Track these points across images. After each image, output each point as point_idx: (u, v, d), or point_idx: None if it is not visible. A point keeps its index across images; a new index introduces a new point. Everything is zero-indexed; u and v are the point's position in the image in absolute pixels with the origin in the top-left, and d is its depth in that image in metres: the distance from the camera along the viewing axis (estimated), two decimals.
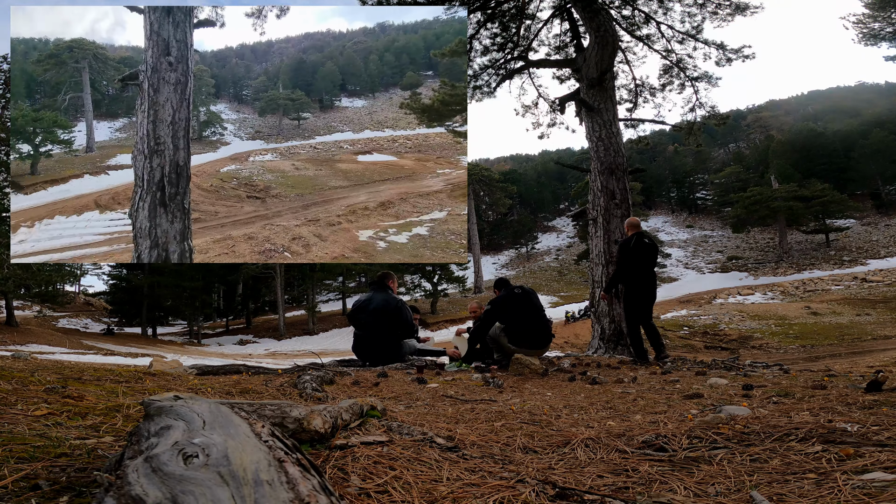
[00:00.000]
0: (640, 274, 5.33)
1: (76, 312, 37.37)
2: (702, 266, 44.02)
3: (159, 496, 0.64)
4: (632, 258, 5.31)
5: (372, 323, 5.23)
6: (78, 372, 2.46)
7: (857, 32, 18.11)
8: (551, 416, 2.07)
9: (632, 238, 5.41)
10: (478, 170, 46.54)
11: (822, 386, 2.75)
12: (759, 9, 9.56)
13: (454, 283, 33.75)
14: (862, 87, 74.67)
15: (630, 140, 11.51)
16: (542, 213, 62.92)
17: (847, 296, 25.31)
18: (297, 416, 1.24)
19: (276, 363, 8.02)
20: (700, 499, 1.06)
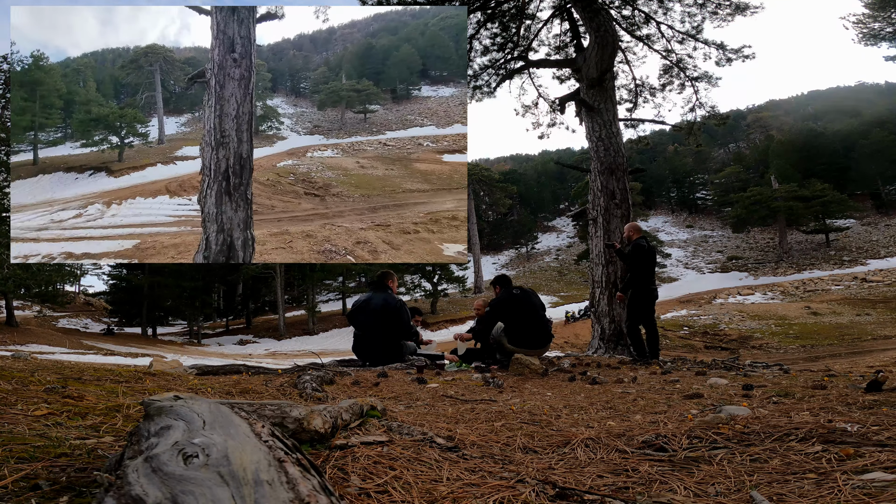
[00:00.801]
0: (649, 276, 5.50)
1: (76, 312, 37.37)
2: (702, 266, 44.01)
3: (159, 496, 0.64)
4: (647, 260, 5.48)
5: (371, 323, 5.22)
6: (78, 372, 2.46)
7: (857, 32, 18.12)
8: (551, 416, 2.07)
9: (641, 240, 5.57)
10: (478, 170, 46.54)
11: (822, 386, 2.75)
12: (759, 9, 9.56)
13: (454, 283, 33.73)
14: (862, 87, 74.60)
15: (630, 140, 11.50)
16: (542, 213, 62.90)
17: (847, 296, 25.31)
18: (297, 416, 1.24)
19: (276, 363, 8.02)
20: (700, 499, 1.06)
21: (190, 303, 31.84)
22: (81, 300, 42.92)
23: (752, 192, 41.08)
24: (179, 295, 31.21)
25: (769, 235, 45.82)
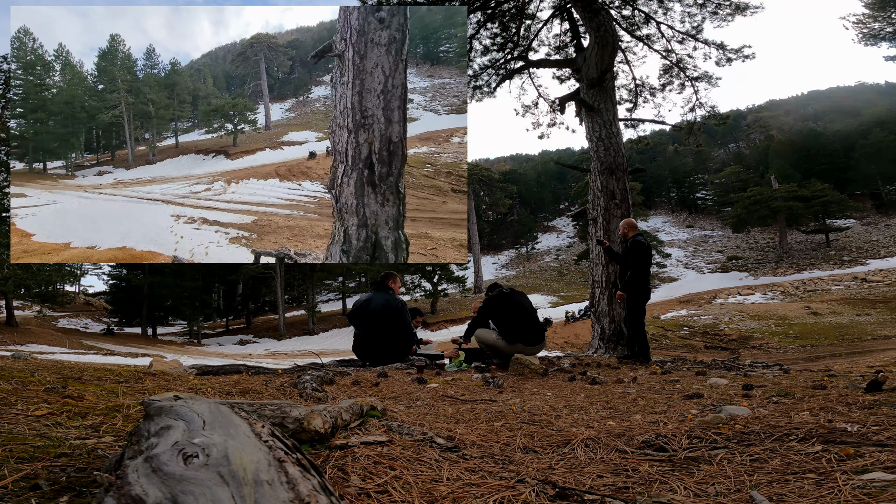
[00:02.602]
0: (649, 274, 5.52)
1: (76, 312, 37.35)
2: (702, 266, 44.00)
3: (159, 496, 0.64)
4: (648, 257, 5.47)
5: (371, 324, 5.22)
6: (78, 372, 2.46)
7: (857, 32, 18.10)
8: (551, 416, 2.07)
9: (639, 237, 5.54)
10: (478, 170, 46.51)
11: (822, 386, 2.75)
12: (759, 9, 9.55)
13: (454, 283, 33.72)
14: (862, 87, 74.59)
15: (630, 140, 11.49)
16: (542, 213, 62.89)
17: (847, 296, 25.29)
18: (297, 416, 1.24)
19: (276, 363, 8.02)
20: (700, 499, 1.06)
21: (190, 303, 31.83)
22: (81, 300, 42.91)
23: (752, 192, 41.07)
24: (179, 295, 31.19)
25: (769, 235, 45.81)
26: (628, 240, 5.64)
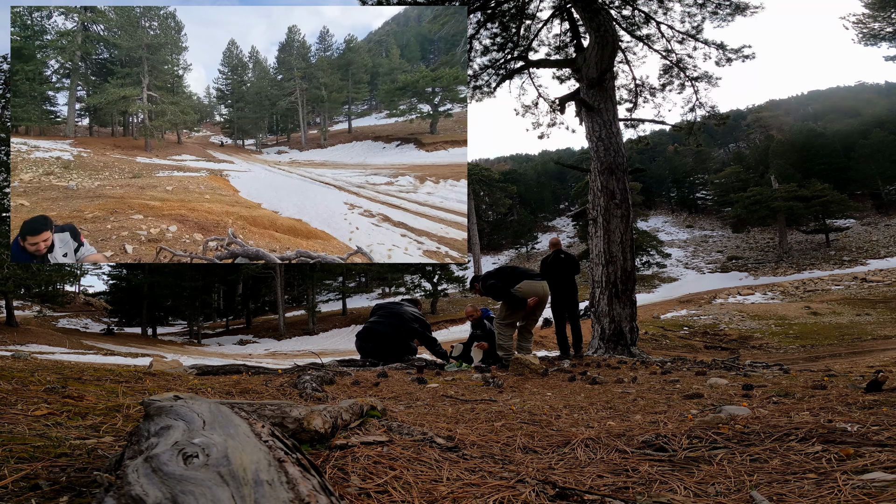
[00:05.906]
0: (558, 283, 6.14)
1: (76, 312, 37.35)
2: (702, 266, 43.97)
3: (159, 496, 0.64)
4: (548, 270, 6.27)
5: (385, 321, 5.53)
6: (78, 372, 2.46)
7: (857, 32, 18.07)
8: (551, 416, 2.07)
9: (548, 255, 6.37)
10: (478, 170, 46.50)
11: (822, 386, 2.75)
12: (759, 9, 9.55)
13: (454, 283, 33.73)
14: (862, 87, 74.56)
15: (630, 140, 11.49)
16: (542, 213, 62.84)
17: (847, 296, 25.28)
18: (297, 416, 1.24)
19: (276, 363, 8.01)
20: (700, 499, 1.06)
21: (190, 303, 31.82)
22: (81, 300, 42.90)
23: (752, 192, 41.04)
24: (179, 295, 31.18)
25: (769, 235, 45.78)
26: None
